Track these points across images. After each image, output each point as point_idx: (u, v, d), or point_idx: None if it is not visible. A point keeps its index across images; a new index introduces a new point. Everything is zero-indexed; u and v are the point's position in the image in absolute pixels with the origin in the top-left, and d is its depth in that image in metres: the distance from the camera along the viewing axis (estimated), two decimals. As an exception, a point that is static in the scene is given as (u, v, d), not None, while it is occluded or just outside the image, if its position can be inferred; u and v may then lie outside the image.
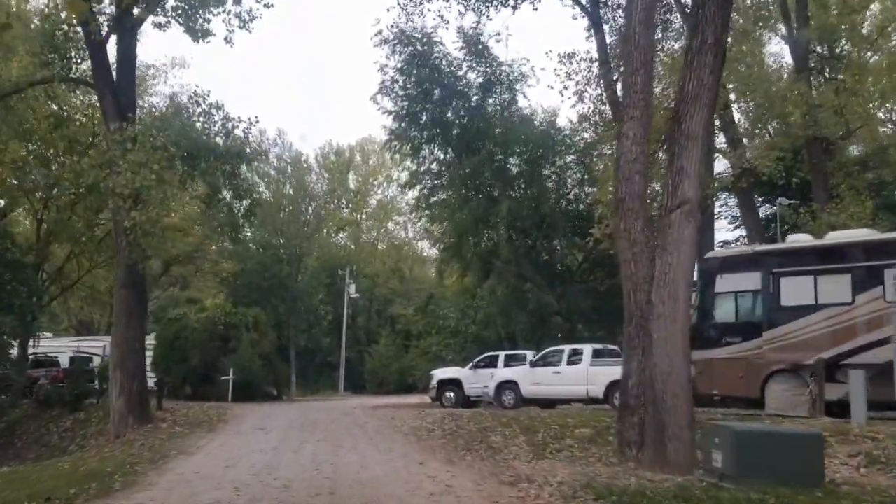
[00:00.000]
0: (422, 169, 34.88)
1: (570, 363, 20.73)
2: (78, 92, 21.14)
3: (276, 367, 37.58)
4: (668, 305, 10.95)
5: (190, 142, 18.60)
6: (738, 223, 35.24)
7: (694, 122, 10.89)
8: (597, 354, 20.86)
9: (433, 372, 26.57)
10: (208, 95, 18.30)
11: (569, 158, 34.00)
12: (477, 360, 25.95)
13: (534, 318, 27.19)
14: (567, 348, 21.49)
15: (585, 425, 15.11)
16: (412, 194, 36.62)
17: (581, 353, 20.89)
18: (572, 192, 32.68)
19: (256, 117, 17.46)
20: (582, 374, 20.11)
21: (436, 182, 34.45)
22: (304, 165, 55.94)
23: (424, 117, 33.16)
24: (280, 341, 53.73)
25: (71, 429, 20.69)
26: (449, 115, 32.93)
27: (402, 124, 33.33)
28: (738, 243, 32.97)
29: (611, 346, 21.53)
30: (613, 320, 33.19)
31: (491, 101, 32.46)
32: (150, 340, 39.22)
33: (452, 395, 25.54)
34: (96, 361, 43.19)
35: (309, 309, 58.99)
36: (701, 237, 31.63)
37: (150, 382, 39.19)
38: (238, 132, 19.75)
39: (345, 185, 65.35)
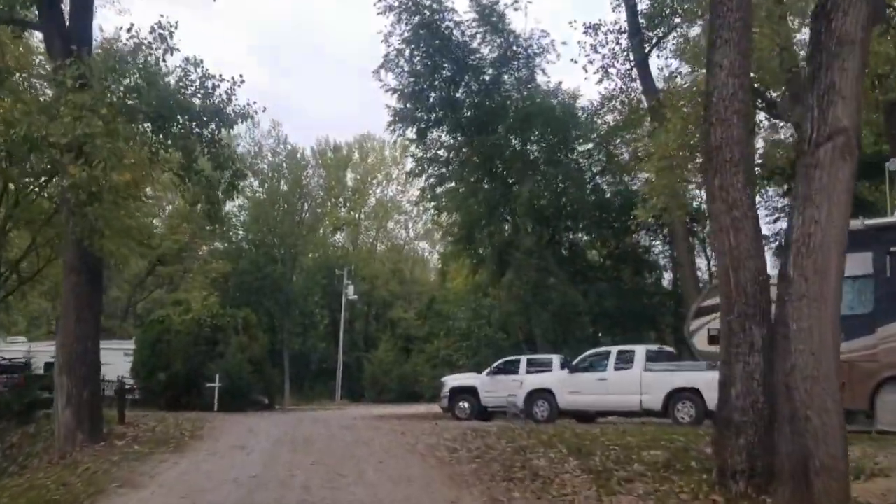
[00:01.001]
0: (428, 155, 31.66)
1: (618, 368, 17.37)
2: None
3: (267, 374, 34.25)
4: (812, 282, 7.68)
5: (159, 98, 15.32)
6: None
7: (849, 21, 7.65)
8: (652, 357, 17.46)
9: (445, 379, 23.30)
10: (174, 35, 14.89)
11: (590, 144, 30.82)
12: (495, 364, 22.70)
13: (557, 317, 23.99)
14: (614, 350, 18.05)
15: (653, 446, 11.83)
16: (417, 185, 33.19)
17: (632, 356, 17.49)
18: (593, 182, 29.45)
19: (241, 76, 14.07)
20: (634, 380, 16.76)
21: (443, 170, 31.25)
22: (300, 158, 52.44)
23: (432, 96, 29.98)
24: (273, 346, 50.48)
25: (18, 445, 17.30)
26: (459, 93, 29.75)
27: (408, 104, 30.14)
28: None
29: (666, 348, 18.17)
30: (641, 322, 30.04)
31: (506, 78, 29.27)
32: (132, 345, 36.20)
33: (467, 405, 22.28)
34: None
35: (304, 312, 55.77)
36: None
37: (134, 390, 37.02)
38: (219, 93, 16.40)
39: (342, 183, 62.06)
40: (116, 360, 36.69)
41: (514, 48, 29.03)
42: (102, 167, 10.69)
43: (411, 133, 31.02)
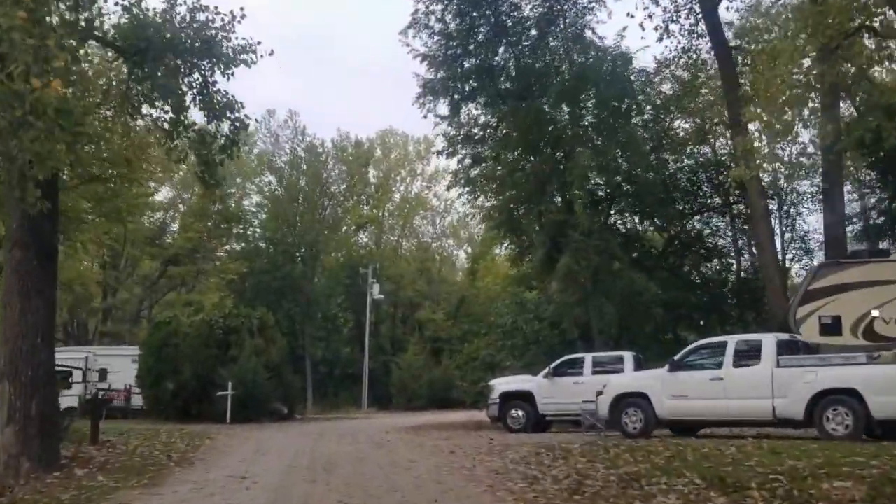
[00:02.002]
0: (460, 134, 28.03)
1: (739, 364, 13.52)
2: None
3: (286, 380, 30.82)
4: None
5: (135, 29, 12.00)
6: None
7: None
8: (785, 349, 13.53)
9: (494, 382, 19.62)
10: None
11: (646, 116, 27.06)
12: (554, 365, 18.97)
13: (625, 308, 20.25)
14: (731, 341, 14.01)
15: (833, 473, 8.09)
16: (446, 172, 29.54)
17: (758, 348, 13.52)
18: (654, 156, 25.64)
19: (242, 9, 10.44)
20: (762, 380, 12.76)
21: (478, 150, 27.63)
22: (320, 151, 49.00)
23: (467, 63, 26.40)
24: (294, 350, 47.11)
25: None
26: (498, 58, 26.16)
27: (439, 73, 26.57)
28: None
29: (799, 337, 14.20)
30: (710, 314, 26.20)
31: (552, 39, 25.59)
32: (135, 350, 33.06)
33: (521, 413, 18.59)
34: (76, 376, 37.00)
35: (326, 314, 52.36)
36: (830, 198, 24.77)
37: (139, 399, 33.79)
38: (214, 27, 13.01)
39: (364, 179, 58.61)
40: (124, 368, 33.55)
41: (560, 4, 25.36)
42: (23, 70, 7.20)
43: (443, 106, 27.47)
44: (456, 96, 27.02)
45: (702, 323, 26.36)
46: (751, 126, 20.17)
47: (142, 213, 27.65)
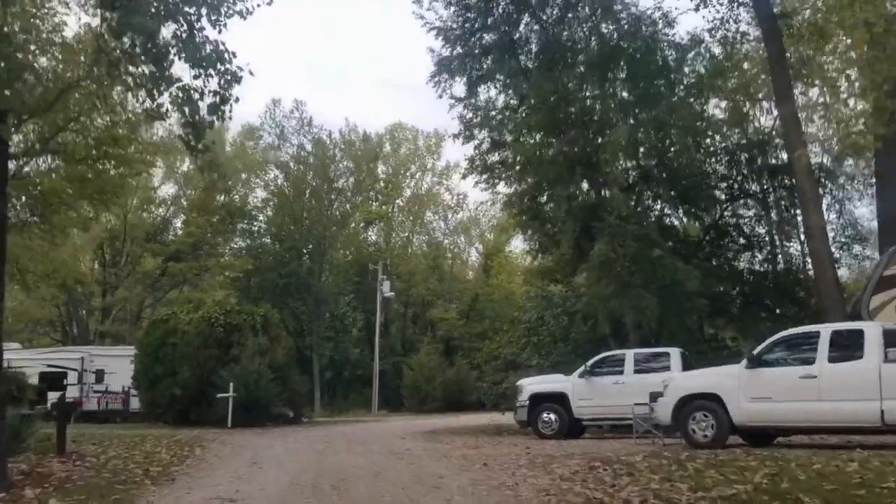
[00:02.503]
0: (477, 117, 25.97)
1: (836, 358, 11.12)
2: None
3: (292, 382, 28.80)
4: None
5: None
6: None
7: None
8: (893, 340, 11.22)
9: (522, 383, 17.50)
10: None
11: (676, 98, 24.87)
12: (592, 362, 16.87)
13: (666, 300, 18.12)
14: (826, 331, 11.50)
15: None
16: (460, 157, 27.50)
17: (859, 339, 11.04)
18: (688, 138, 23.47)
19: None
20: (867, 378, 10.52)
21: (495, 134, 25.56)
22: (327, 143, 46.99)
23: (486, 38, 24.37)
24: (301, 351, 45.17)
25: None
26: (521, 29, 24.13)
27: (456, 49, 24.55)
28: None
29: None
30: (755, 307, 24.02)
31: (580, 8, 23.49)
32: (130, 350, 31.23)
33: (554, 416, 16.51)
34: (72, 378, 35.18)
35: (335, 314, 50.43)
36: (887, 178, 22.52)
37: (135, 403, 31.89)
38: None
39: (373, 175, 56.56)
40: (122, 369, 31.70)
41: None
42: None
43: (460, 86, 25.41)
44: (473, 74, 24.99)
45: (738, 316, 24.19)
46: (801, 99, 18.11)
47: (130, 196, 25.49)
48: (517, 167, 24.76)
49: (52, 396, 30.33)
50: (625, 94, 22.13)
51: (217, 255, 41.42)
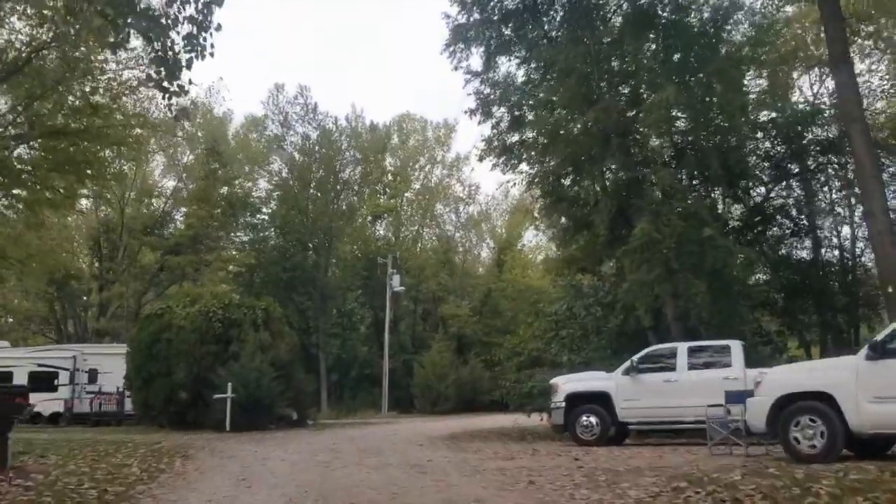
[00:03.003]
0: (495, 92, 23.77)
1: None
2: None
3: (296, 381, 26.72)
4: None
5: None
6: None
7: None
8: None
9: (557, 381, 15.26)
10: None
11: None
12: (638, 357, 14.64)
13: (715, 288, 15.84)
14: None
15: None
16: (480, 132, 25.26)
17: None
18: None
19: None
20: None
21: (515, 111, 23.35)
22: (333, 130, 44.77)
23: (506, 1, 22.22)
24: (307, 349, 43.11)
25: None
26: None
27: (473, 15, 22.40)
28: None
29: None
30: (790, 298, 21.76)
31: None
32: (125, 348, 29.21)
33: (595, 419, 14.29)
34: (63, 378, 33.13)
35: (342, 311, 48.31)
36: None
37: (130, 404, 29.81)
38: None
39: (381, 167, 54.40)
40: (117, 368, 29.48)
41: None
42: None
43: (476, 58, 23.23)
44: (492, 44, 22.79)
45: (784, 307, 21.98)
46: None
47: (123, 182, 23.42)
48: (540, 146, 22.55)
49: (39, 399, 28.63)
50: (661, 62, 19.76)
51: (218, 248, 39.32)
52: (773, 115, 23.02)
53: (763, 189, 22.34)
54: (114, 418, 31.21)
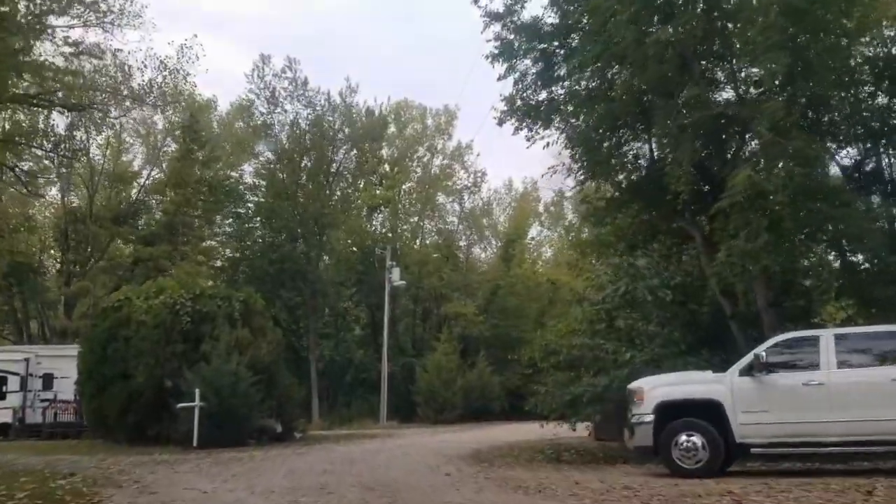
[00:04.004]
0: (521, 37, 19.41)
1: None
2: None
3: (281, 386, 22.40)
4: None
5: None
6: None
7: None
8: None
9: (641, 386, 10.74)
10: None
11: None
12: (764, 349, 10.23)
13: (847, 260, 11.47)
14: None
15: None
16: (499, 92, 20.86)
17: None
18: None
19: None
20: None
21: (547, 53, 18.98)
22: (326, 107, 40.31)
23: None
24: (296, 350, 38.78)
25: None
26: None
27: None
28: None
29: None
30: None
31: None
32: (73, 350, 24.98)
33: (700, 440, 9.94)
34: (12, 384, 28.67)
35: (336, 309, 43.94)
36: None
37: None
38: None
39: (377, 155, 49.82)
40: (75, 372, 25.26)
41: None
42: None
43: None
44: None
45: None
46: None
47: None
48: (583, 94, 18.15)
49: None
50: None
51: (196, 238, 34.80)
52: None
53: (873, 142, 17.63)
54: (72, 430, 26.84)
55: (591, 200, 19.90)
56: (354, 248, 44.18)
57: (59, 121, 30.27)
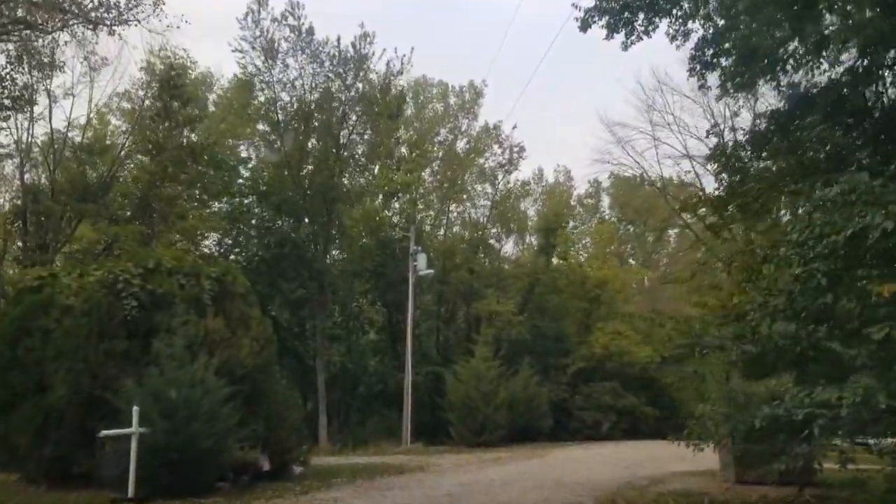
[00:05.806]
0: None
1: None
2: None
3: (270, 401, 15.59)
4: None
5: None
6: None
7: None
8: None
9: None
10: None
11: None
12: None
13: None
14: None
15: None
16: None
17: None
18: None
19: None
20: None
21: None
22: (336, 56, 33.33)
23: None
24: (297, 356, 32.04)
25: None
26: None
27: None
28: None
29: None
30: None
31: None
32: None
33: None
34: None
35: (347, 309, 37.16)
36: None
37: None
38: None
39: (394, 138, 42.99)
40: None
41: None
42: None
43: None
44: None
45: None
46: None
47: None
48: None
49: None
50: None
51: (177, 214, 28.04)
52: None
53: None
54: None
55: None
56: (366, 239, 37.43)
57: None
